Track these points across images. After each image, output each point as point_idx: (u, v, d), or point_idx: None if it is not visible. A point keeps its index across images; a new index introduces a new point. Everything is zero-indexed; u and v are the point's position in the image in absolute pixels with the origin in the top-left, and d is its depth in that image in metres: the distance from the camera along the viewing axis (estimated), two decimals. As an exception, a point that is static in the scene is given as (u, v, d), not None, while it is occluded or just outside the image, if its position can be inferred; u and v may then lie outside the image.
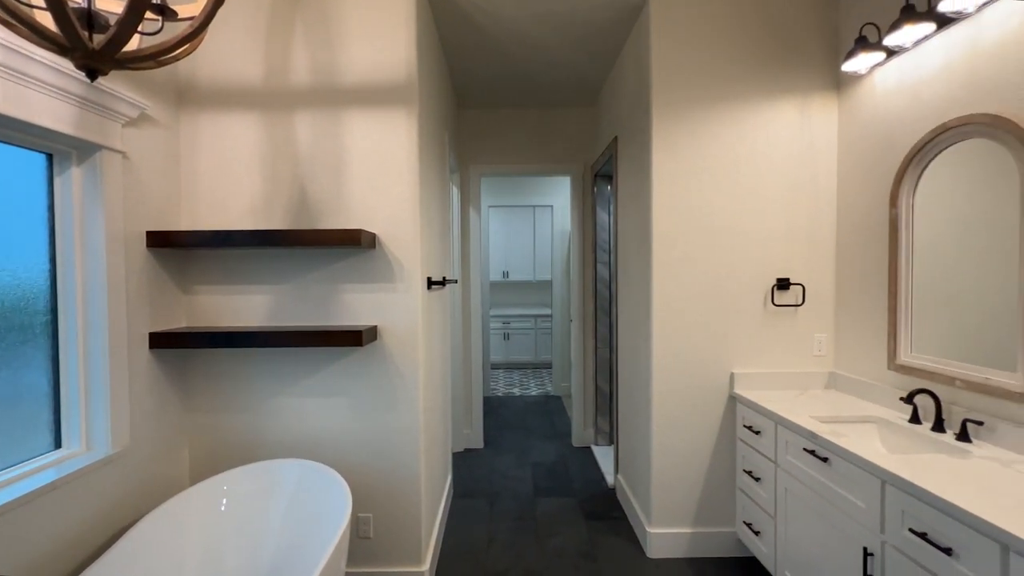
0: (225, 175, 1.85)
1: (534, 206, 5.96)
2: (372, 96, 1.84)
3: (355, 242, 1.70)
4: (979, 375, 1.50)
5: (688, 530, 2.22)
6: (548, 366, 6.43)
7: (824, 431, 1.59)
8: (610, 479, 3.01)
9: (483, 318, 5.10)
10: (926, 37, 1.67)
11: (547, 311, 6.44)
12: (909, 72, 1.77)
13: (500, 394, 5.25)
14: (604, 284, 3.52)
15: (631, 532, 2.45)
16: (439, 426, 2.43)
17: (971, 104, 1.53)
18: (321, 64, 1.84)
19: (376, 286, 1.88)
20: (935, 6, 1.57)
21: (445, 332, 2.69)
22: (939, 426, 1.57)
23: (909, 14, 1.62)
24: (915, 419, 1.67)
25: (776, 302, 2.17)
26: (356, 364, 1.88)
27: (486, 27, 2.45)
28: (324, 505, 1.64)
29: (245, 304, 1.87)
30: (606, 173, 3.40)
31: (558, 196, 5.15)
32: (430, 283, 2.09)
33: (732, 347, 2.19)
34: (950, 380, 1.58)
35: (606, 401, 3.55)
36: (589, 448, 3.58)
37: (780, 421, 1.80)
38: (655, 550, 2.23)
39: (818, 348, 2.18)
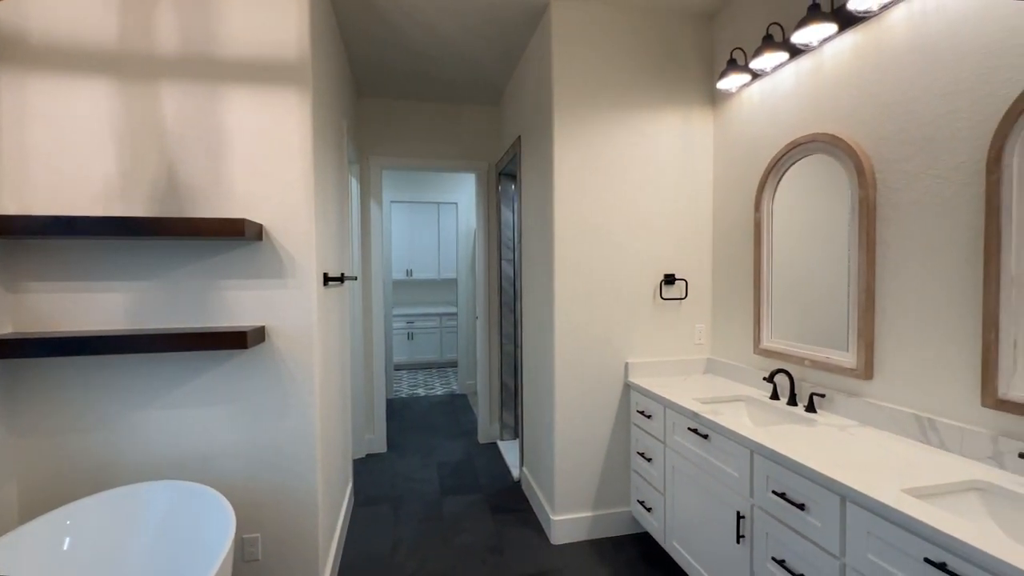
0: (67, 152, 1.56)
1: (439, 203, 5.87)
2: (259, 73, 1.67)
3: (238, 233, 1.52)
4: (822, 355, 1.77)
5: (589, 514, 2.34)
6: (454, 365, 6.39)
7: (705, 411, 1.77)
8: (515, 472, 3.07)
9: (386, 318, 4.92)
10: (782, 64, 1.93)
11: (452, 309, 6.39)
12: (769, 93, 2.03)
13: (404, 395, 5.10)
14: (509, 281, 3.57)
15: (536, 522, 2.52)
16: (338, 432, 2.29)
17: (816, 124, 1.80)
18: (195, 31, 1.63)
19: (263, 282, 1.71)
20: (788, 38, 1.81)
21: (344, 332, 2.54)
22: (793, 400, 1.83)
23: (768, 43, 1.86)
24: (775, 395, 1.92)
25: (664, 296, 2.37)
26: (241, 369, 1.70)
27: (389, 13, 2.34)
28: (201, 530, 1.45)
29: (97, 304, 1.59)
30: (510, 172, 3.46)
31: (463, 193, 5.13)
32: (326, 279, 1.96)
33: (627, 338, 2.34)
34: (800, 360, 1.84)
35: (511, 396, 3.61)
36: (495, 444, 3.62)
37: (668, 404, 1.97)
38: (558, 536, 2.31)
39: (698, 337, 2.42)
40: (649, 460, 2.13)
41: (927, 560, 0.99)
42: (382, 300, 3.50)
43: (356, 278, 2.45)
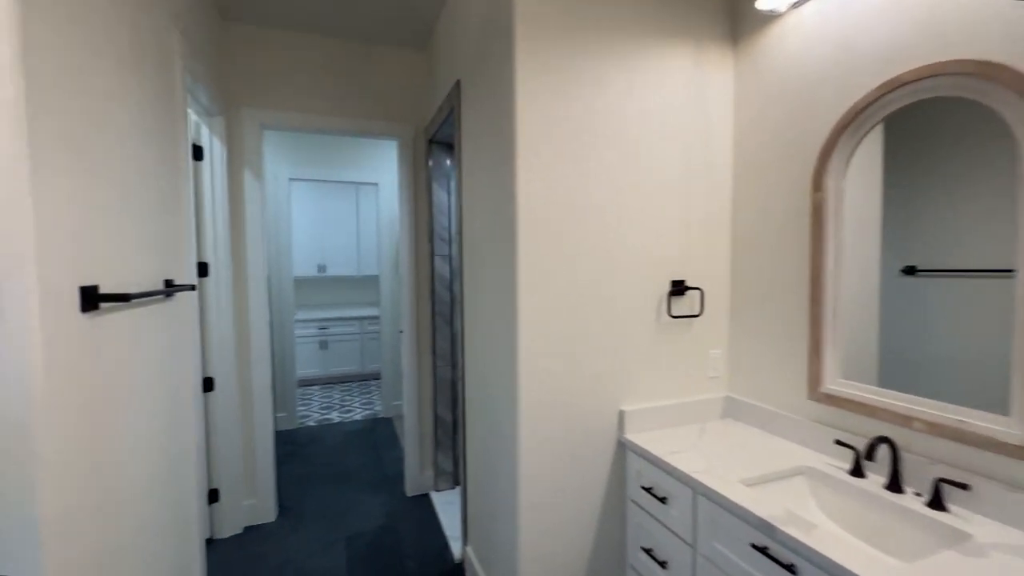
0: None
1: (357, 183, 4.83)
2: None
3: None
4: (951, 416, 1.12)
5: (567, 633, 1.59)
6: (377, 377, 5.42)
7: (778, 517, 1.06)
8: (456, 548, 2.26)
9: (283, 325, 3.88)
10: (875, -41, 1.25)
11: (374, 312, 5.41)
12: (835, 16, 1.35)
13: (313, 423, 4.09)
14: (445, 284, 2.73)
15: (488, 639, 1.74)
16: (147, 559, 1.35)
17: (936, 50, 1.14)
18: None
19: None
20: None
21: (176, 370, 1.58)
22: (896, 484, 1.18)
23: (859, -79, 1.17)
24: (857, 471, 1.26)
25: (673, 312, 1.66)
26: None
27: None
28: None
29: None
30: (445, 139, 2.60)
31: (385, 172, 4.18)
32: (93, 299, 1.02)
33: (621, 374, 1.60)
34: (907, 420, 1.19)
35: (448, 434, 2.79)
36: (427, 496, 2.78)
37: (704, 492, 1.25)
38: (524, 674, 1.54)
39: (713, 368, 1.74)
40: (663, 565, 1.42)
41: None
42: (265, 304, 2.51)
43: (193, 288, 1.50)
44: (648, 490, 1.46)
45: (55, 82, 0.92)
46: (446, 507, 2.61)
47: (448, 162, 2.71)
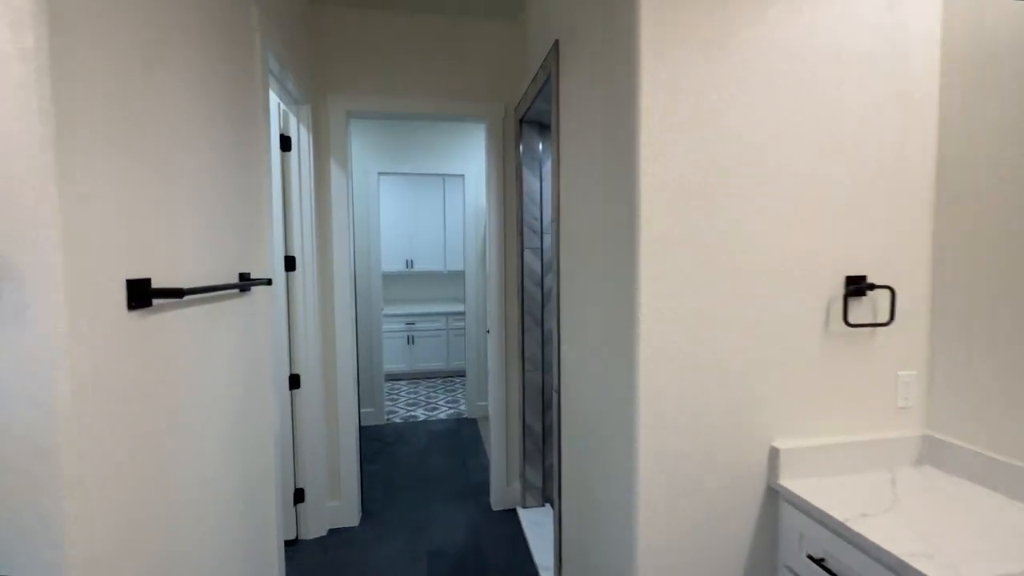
0: None
1: (444, 175, 4.74)
2: None
3: None
4: None
5: None
6: (462, 374, 5.32)
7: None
8: (548, 580, 1.99)
9: (372, 322, 3.87)
10: None
11: (460, 308, 5.31)
12: None
13: (399, 420, 4.05)
14: (535, 280, 2.46)
15: None
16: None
17: None
18: None
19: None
20: None
21: (237, 378, 1.47)
22: None
23: None
24: None
25: (850, 320, 1.23)
26: None
27: None
28: None
29: None
30: (537, 118, 2.33)
31: (471, 163, 4.01)
32: (143, 294, 0.87)
33: (773, 400, 1.22)
34: None
35: (538, 445, 2.52)
36: (514, 512, 2.54)
37: (930, 590, 0.85)
38: None
39: (904, 396, 1.29)
40: (842, 668, 1.02)
41: None
42: (350, 302, 2.42)
43: (269, 281, 1.37)
44: (818, 561, 1.07)
45: (93, 44, 0.76)
46: (535, 528, 2.35)
47: (540, 145, 2.43)
